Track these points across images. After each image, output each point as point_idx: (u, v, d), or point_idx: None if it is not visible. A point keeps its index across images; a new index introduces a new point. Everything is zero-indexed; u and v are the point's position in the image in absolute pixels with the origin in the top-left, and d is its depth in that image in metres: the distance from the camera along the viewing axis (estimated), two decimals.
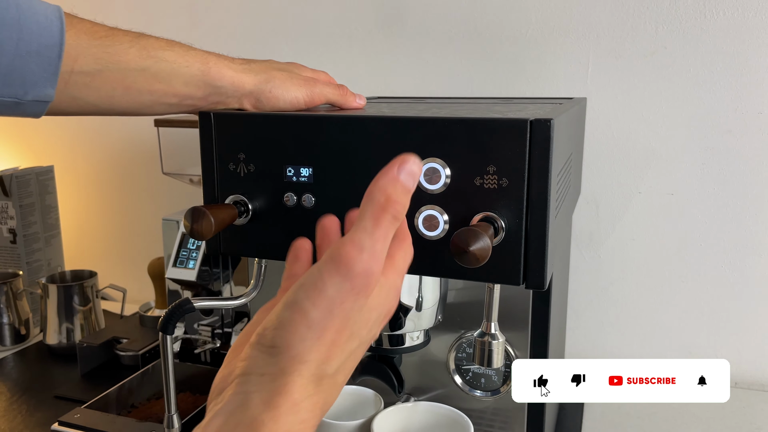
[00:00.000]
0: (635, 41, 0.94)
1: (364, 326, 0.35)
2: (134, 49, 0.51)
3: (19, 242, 1.20)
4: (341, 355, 0.34)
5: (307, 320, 0.32)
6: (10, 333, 1.11)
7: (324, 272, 0.33)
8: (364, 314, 0.34)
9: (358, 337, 0.35)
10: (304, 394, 0.32)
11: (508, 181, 0.47)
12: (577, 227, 1.02)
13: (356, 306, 0.33)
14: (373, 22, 1.08)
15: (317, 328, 0.32)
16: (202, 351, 0.96)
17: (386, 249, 0.34)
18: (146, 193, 1.31)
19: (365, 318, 0.35)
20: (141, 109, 0.54)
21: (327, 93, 0.60)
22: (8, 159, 1.42)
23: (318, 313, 0.32)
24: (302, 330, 0.32)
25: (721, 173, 0.94)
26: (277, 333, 0.33)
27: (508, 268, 0.48)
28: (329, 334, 0.33)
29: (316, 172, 0.52)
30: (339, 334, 0.33)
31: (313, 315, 0.32)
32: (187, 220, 0.50)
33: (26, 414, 0.89)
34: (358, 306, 0.33)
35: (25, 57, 0.46)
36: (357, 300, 0.33)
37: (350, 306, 0.33)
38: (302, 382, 0.32)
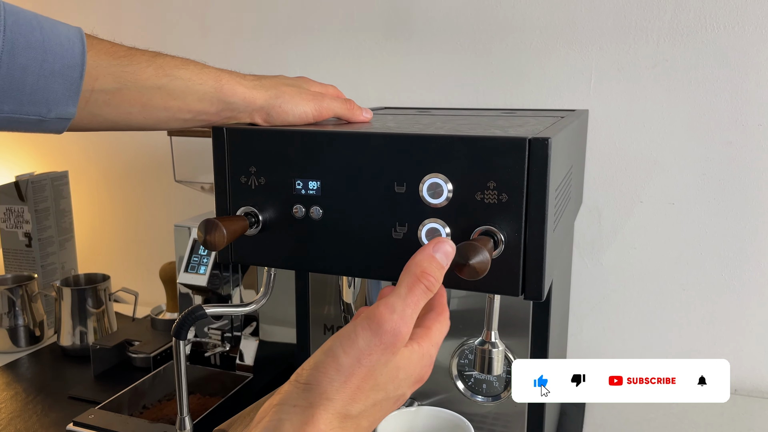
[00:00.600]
0: (638, 53, 0.96)
1: (390, 381, 0.40)
2: (151, 67, 0.54)
3: (34, 246, 1.23)
4: (365, 401, 0.39)
5: (337, 364, 0.38)
6: (25, 335, 1.14)
7: (358, 327, 0.39)
8: (390, 370, 0.40)
9: (384, 390, 0.40)
10: (329, 426, 0.37)
11: (507, 196, 0.48)
12: (579, 235, 1.03)
13: (382, 360, 0.39)
14: (381, 34, 1.10)
15: (345, 373, 0.38)
16: (212, 354, 0.99)
17: (416, 315, 0.41)
18: (158, 200, 1.34)
19: (391, 374, 0.40)
20: (157, 124, 0.57)
21: (335, 107, 0.62)
22: (24, 164, 1.45)
23: (347, 359, 0.38)
24: (332, 372, 0.38)
25: (722, 183, 0.95)
26: (311, 372, 0.39)
27: (507, 280, 0.49)
28: (355, 380, 0.38)
29: (323, 186, 0.54)
30: (364, 381, 0.39)
31: (343, 360, 0.38)
32: (200, 232, 0.52)
33: (41, 414, 0.91)
34: (384, 360, 0.39)
35: (48, 77, 0.49)
36: (383, 354, 0.39)
37: (376, 359, 0.39)
38: (328, 416, 0.37)
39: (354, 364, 0.38)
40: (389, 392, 0.40)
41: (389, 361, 0.39)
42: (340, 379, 0.38)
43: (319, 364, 0.39)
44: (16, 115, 0.49)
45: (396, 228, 0.51)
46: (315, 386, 0.38)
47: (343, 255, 0.54)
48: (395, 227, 0.51)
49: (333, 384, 0.38)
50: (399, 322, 0.39)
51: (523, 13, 1.01)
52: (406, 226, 0.51)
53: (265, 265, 0.59)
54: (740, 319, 0.98)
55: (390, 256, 0.52)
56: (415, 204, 0.50)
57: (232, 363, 0.98)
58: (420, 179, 0.50)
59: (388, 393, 0.40)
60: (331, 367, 0.38)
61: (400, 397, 0.42)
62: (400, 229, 0.51)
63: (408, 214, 0.51)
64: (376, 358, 0.39)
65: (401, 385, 0.41)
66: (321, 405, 0.37)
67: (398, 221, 0.51)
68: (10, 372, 1.06)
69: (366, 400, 0.39)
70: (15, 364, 1.09)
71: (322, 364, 0.39)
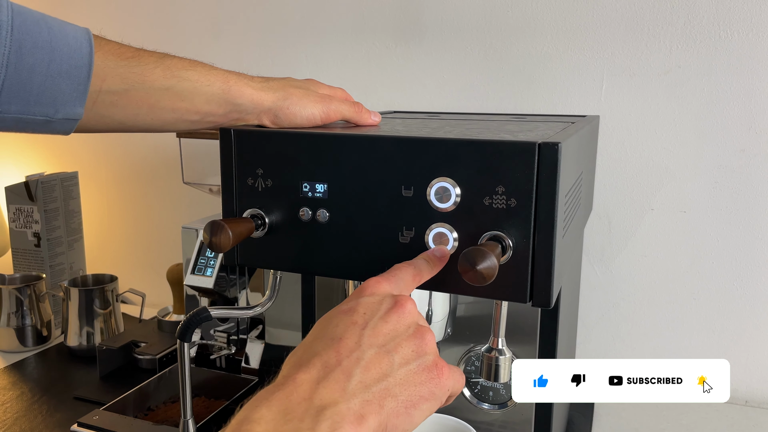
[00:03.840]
0: (650, 60, 0.95)
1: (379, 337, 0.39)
2: (159, 69, 0.54)
3: (43, 246, 1.23)
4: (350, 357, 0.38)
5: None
6: (32, 334, 1.14)
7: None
8: (349, 308, 0.41)
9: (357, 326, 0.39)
10: (309, 376, 0.36)
11: (516, 201, 0.48)
12: (589, 243, 1.02)
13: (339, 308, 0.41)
14: (390, 38, 1.10)
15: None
16: (217, 357, 0.98)
17: (403, 281, 0.43)
18: (166, 202, 1.34)
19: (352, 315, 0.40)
20: (164, 126, 0.57)
21: (342, 110, 0.61)
22: (35, 165, 1.46)
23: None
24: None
25: (734, 191, 0.94)
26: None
27: (515, 286, 0.49)
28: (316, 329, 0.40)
29: (330, 188, 0.53)
30: (322, 327, 0.40)
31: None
32: (206, 233, 0.52)
33: (46, 414, 0.91)
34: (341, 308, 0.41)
35: (56, 77, 0.49)
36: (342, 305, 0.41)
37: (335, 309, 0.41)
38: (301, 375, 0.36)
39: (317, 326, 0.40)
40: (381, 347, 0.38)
41: (347, 305, 0.41)
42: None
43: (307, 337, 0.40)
44: (24, 116, 0.49)
45: (403, 232, 0.51)
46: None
47: (349, 258, 0.53)
48: (402, 231, 0.51)
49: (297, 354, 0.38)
50: (379, 278, 0.43)
51: (534, 17, 1.00)
52: (413, 230, 0.50)
53: (271, 267, 0.59)
54: (752, 329, 0.97)
55: (397, 260, 0.51)
56: (422, 208, 0.50)
57: (238, 366, 0.97)
58: (427, 183, 0.49)
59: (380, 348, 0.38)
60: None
61: (394, 347, 0.38)
62: (407, 233, 0.51)
63: (415, 218, 0.50)
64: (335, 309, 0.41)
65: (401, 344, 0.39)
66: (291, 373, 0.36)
67: (405, 225, 0.51)
68: (16, 371, 1.06)
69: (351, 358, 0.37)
70: (22, 363, 1.09)
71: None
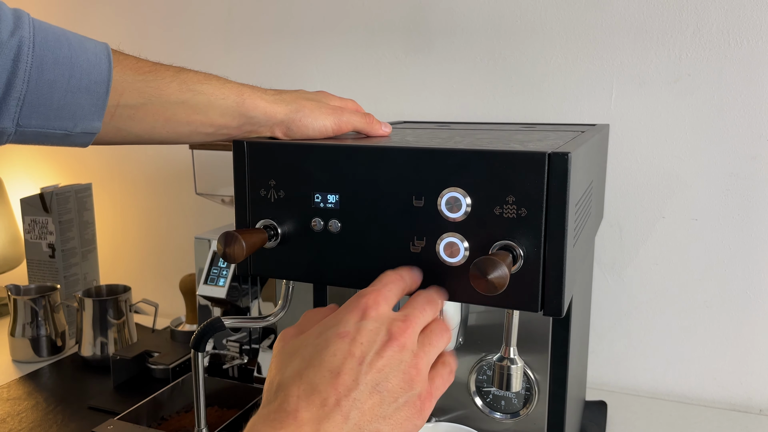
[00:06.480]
0: (659, 68, 0.95)
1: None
2: (175, 83, 0.55)
3: (57, 257, 1.25)
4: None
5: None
6: (47, 344, 1.15)
7: None
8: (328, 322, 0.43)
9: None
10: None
11: (526, 211, 0.48)
12: (601, 251, 1.02)
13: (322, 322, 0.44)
14: (400, 48, 1.11)
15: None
16: (230, 366, 0.99)
17: (393, 293, 0.45)
18: (179, 212, 1.36)
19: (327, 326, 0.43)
20: (179, 138, 0.58)
21: (354, 121, 0.62)
22: (49, 177, 1.48)
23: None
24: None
25: (746, 199, 0.94)
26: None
27: (526, 295, 0.49)
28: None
29: (342, 199, 0.54)
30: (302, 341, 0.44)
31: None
32: (220, 244, 0.52)
33: (61, 424, 0.92)
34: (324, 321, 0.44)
35: (75, 92, 0.50)
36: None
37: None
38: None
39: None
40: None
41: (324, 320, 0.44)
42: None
43: None
44: (44, 130, 0.50)
45: (414, 242, 0.51)
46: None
47: (361, 268, 0.54)
48: (413, 241, 0.51)
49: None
50: (369, 289, 0.45)
51: (543, 27, 1.01)
52: (424, 240, 0.51)
53: (283, 277, 0.60)
54: (765, 337, 0.96)
55: None
56: (433, 218, 0.50)
57: (250, 375, 0.98)
58: (438, 193, 0.50)
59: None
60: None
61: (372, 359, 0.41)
62: (419, 242, 0.51)
63: (426, 227, 0.51)
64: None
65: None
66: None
67: (416, 235, 0.51)
68: (31, 381, 1.07)
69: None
70: (36, 373, 1.10)
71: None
